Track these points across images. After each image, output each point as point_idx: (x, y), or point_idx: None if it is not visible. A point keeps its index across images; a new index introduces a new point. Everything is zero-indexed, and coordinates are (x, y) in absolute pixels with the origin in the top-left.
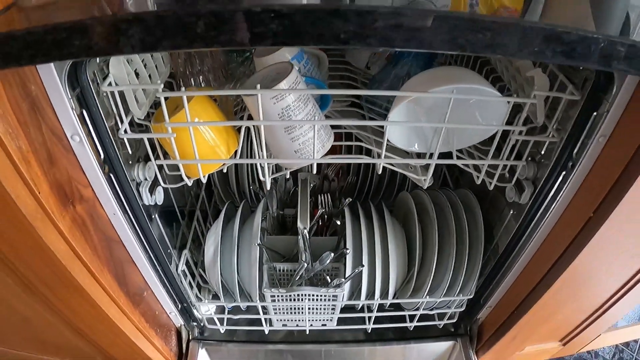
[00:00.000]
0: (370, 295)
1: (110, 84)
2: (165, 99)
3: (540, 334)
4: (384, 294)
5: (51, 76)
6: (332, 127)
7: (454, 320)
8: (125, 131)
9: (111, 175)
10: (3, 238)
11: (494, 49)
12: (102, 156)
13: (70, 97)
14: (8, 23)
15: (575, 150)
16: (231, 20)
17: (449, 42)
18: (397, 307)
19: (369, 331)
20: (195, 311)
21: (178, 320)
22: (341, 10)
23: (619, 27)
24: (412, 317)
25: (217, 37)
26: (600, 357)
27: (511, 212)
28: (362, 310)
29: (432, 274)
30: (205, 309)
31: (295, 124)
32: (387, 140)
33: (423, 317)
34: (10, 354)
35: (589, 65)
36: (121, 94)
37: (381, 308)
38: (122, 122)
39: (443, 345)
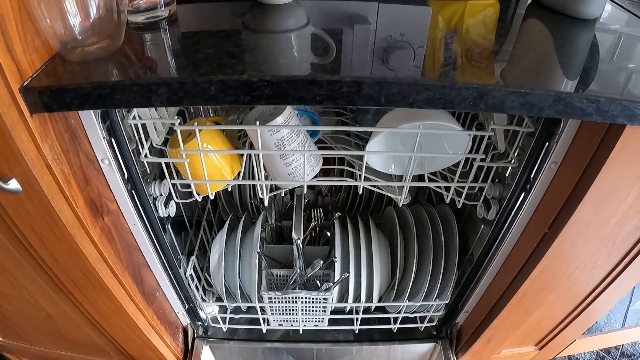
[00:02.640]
0: (357, 298)
1: (134, 117)
2: None
3: (515, 337)
4: (369, 298)
5: (88, 113)
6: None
7: (436, 324)
8: (146, 155)
9: (133, 192)
10: (44, 245)
11: (437, 104)
12: (126, 176)
13: (102, 128)
14: (55, 72)
15: (532, 175)
16: (235, 87)
17: (400, 101)
18: (383, 311)
19: (357, 332)
20: (200, 311)
21: (185, 319)
22: (317, 80)
23: (583, 59)
24: (395, 320)
25: (225, 98)
26: None
27: (483, 226)
28: (350, 312)
29: (412, 281)
30: (210, 310)
31: (289, 152)
32: (368, 164)
33: (406, 320)
34: (31, 350)
35: (515, 113)
36: (143, 124)
37: (368, 311)
38: (142, 147)
39: (425, 347)
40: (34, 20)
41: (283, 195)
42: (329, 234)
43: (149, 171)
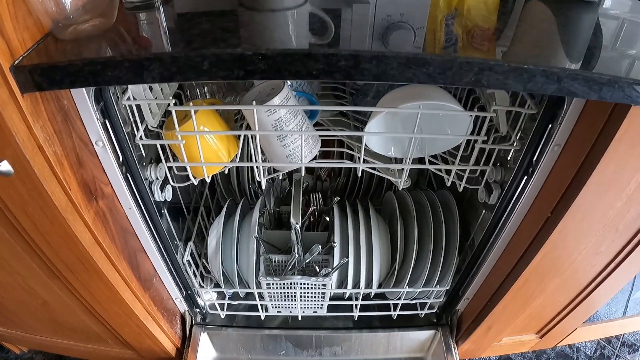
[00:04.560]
0: (356, 285)
1: (129, 98)
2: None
3: (516, 325)
4: (369, 284)
5: (80, 93)
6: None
7: (436, 311)
8: (141, 137)
9: (128, 175)
10: (37, 229)
11: (436, 79)
12: (121, 159)
13: (95, 109)
14: (46, 51)
15: (535, 158)
16: (229, 61)
17: (398, 76)
18: (382, 297)
19: (356, 319)
20: (198, 298)
21: (183, 306)
22: (312, 54)
23: (586, 40)
24: (395, 306)
25: (218, 73)
26: (582, 353)
27: (484, 211)
28: (349, 299)
29: (412, 266)
30: (208, 296)
31: (286, 133)
32: (367, 146)
33: (406, 307)
34: (28, 338)
35: (519, 90)
36: (138, 106)
37: (367, 297)
38: (137, 129)
39: (425, 334)
40: None
41: (282, 179)
42: (327, 219)
43: (144, 154)
